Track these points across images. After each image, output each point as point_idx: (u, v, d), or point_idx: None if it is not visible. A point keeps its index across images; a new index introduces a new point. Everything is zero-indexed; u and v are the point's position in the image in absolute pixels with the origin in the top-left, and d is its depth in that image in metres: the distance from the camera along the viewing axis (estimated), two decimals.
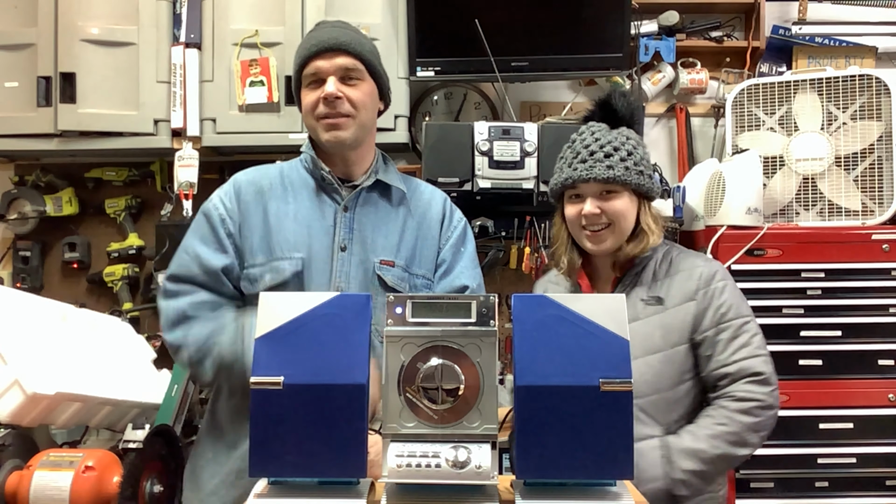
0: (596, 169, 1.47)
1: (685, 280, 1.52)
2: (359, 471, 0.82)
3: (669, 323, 1.49)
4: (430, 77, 2.49)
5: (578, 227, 1.54)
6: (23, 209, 2.64)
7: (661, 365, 1.47)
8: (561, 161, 1.57)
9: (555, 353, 0.83)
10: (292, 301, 0.87)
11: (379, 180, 1.48)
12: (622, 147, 1.49)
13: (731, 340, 1.47)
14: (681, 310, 1.49)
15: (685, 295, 1.50)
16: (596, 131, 1.53)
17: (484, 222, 2.29)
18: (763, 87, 2.39)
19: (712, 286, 1.51)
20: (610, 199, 1.49)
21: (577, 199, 1.53)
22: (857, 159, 2.26)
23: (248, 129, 2.37)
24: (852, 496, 2.10)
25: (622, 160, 1.48)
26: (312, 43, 1.42)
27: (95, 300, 2.70)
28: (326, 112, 1.41)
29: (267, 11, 2.39)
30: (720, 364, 1.46)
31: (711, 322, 1.48)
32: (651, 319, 1.49)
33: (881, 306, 2.13)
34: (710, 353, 1.47)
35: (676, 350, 1.48)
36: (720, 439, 1.42)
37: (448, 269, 1.51)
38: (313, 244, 1.41)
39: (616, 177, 1.47)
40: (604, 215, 1.49)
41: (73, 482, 1.48)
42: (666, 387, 1.47)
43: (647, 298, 1.51)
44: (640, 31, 2.66)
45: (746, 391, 1.44)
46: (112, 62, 2.38)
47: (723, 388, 1.46)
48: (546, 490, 0.83)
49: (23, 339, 1.62)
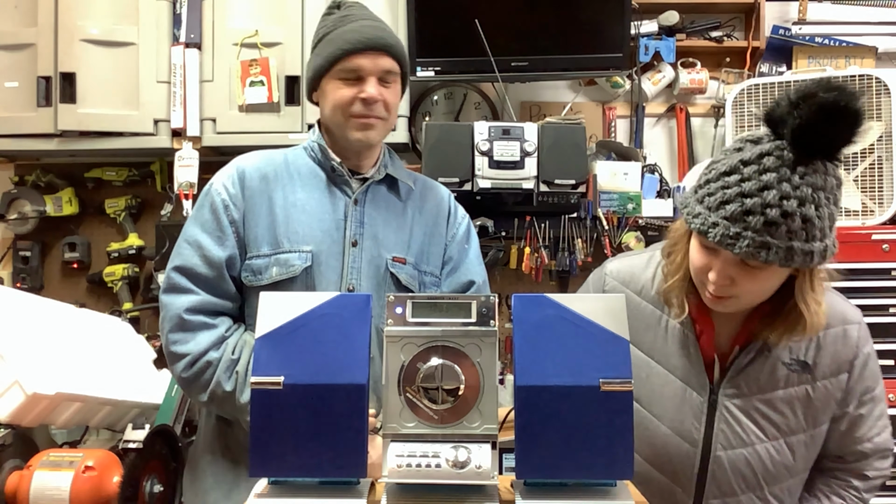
0: (742, 244, 1.00)
1: (839, 344, 1.20)
2: (359, 471, 0.82)
3: (818, 399, 1.19)
4: (430, 77, 2.49)
5: (700, 281, 1.15)
6: (23, 209, 2.64)
7: (805, 449, 1.22)
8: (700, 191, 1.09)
9: (555, 353, 0.83)
10: (292, 301, 0.87)
11: (388, 174, 1.46)
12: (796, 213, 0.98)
13: (871, 415, 1.23)
14: (833, 383, 1.20)
15: (839, 365, 1.19)
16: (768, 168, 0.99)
17: (484, 222, 2.29)
18: (763, 87, 2.39)
19: (865, 351, 1.22)
20: (751, 273, 1.07)
21: (708, 252, 1.10)
22: (857, 159, 2.26)
23: (248, 129, 2.37)
24: None
25: (789, 235, 0.99)
26: (356, 38, 1.36)
27: (95, 300, 2.70)
28: (363, 112, 1.37)
29: (267, 11, 2.39)
30: (858, 441, 1.23)
31: (859, 398, 1.22)
32: (797, 392, 1.19)
33: (881, 306, 2.13)
34: (849, 428, 1.23)
35: (820, 431, 1.22)
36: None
37: (455, 265, 1.50)
38: (323, 238, 1.37)
39: (769, 261, 1.01)
40: (735, 288, 1.09)
41: (73, 482, 1.48)
42: (802, 469, 1.24)
43: (789, 362, 1.18)
44: (640, 31, 2.66)
45: (877, 469, 1.25)
46: (112, 62, 2.37)
47: (851, 462, 1.25)
48: (546, 490, 0.83)
49: (23, 339, 1.62)
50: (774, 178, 0.99)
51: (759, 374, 1.20)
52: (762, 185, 0.99)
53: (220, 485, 1.38)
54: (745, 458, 1.21)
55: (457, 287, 1.47)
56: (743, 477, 1.21)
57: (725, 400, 1.21)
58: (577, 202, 2.29)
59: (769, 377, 1.20)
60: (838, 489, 1.25)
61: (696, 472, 1.23)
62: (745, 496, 1.22)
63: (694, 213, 1.07)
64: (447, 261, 1.50)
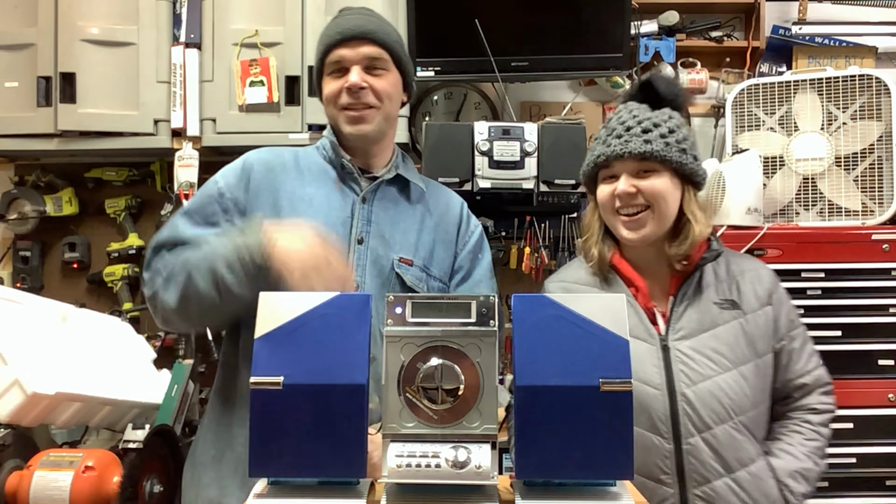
0: (632, 143, 1.32)
1: (755, 282, 1.40)
2: (359, 471, 0.82)
3: (752, 331, 1.36)
4: (430, 77, 2.50)
5: (612, 210, 1.38)
6: (23, 209, 2.64)
7: (755, 377, 1.35)
8: (595, 141, 1.42)
9: (555, 353, 0.83)
10: (292, 301, 0.87)
11: (399, 175, 1.45)
12: (663, 124, 1.35)
13: (803, 347, 1.40)
14: (760, 315, 1.38)
15: (760, 299, 1.38)
16: (634, 108, 1.39)
17: (484, 222, 2.29)
18: (763, 87, 2.39)
19: (780, 289, 1.42)
20: (648, 178, 1.34)
21: (611, 180, 1.38)
22: (857, 159, 2.26)
23: (248, 129, 2.37)
24: (852, 496, 2.10)
25: (662, 136, 1.33)
26: (336, 30, 1.38)
27: (95, 300, 2.70)
28: (349, 102, 1.37)
29: (267, 11, 2.39)
30: (798, 374, 1.39)
31: (786, 329, 1.39)
32: (733, 326, 1.36)
33: (881, 306, 2.12)
34: (786, 362, 1.39)
35: (765, 360, 1.37)
36: (817, 455, 1.36)
37: (466, 275, 1.47)
38: (328, 233, 1.37)
39: (654, 151, 1.32)
40: (640, 195, 1.34)
41: (73, 482, 1.48)
42: (761, 400, 1.37)
43: (720, 302, 1.37)
44: (640, 31, 2.66)
45: (823, 403, 1.39)
46: (112, 62, 2.38)
47: (798, 399, 1.39)
48: (546, 490, 0.83)
49: (23, 339, 1.62)
50: (642, 110, 1.38)
51: (696, 316, 1.37)
52: (633, 116, 1.37)
53: (219, 485, 1.38)
54: (709, 391, 1.32)
55: None
56: (712, 409, 1.32)
57: (675, 343, 1.36)
58: (577, 202, 2.29)
59: (706, 316, 1.37)
60: (794, 426, 1.39)
61: (669, 413, 1.33)
62: (720, 428, 1.31)
63: (593, 156, 1.40)
64: (457, 270, 1.48)
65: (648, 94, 1.41)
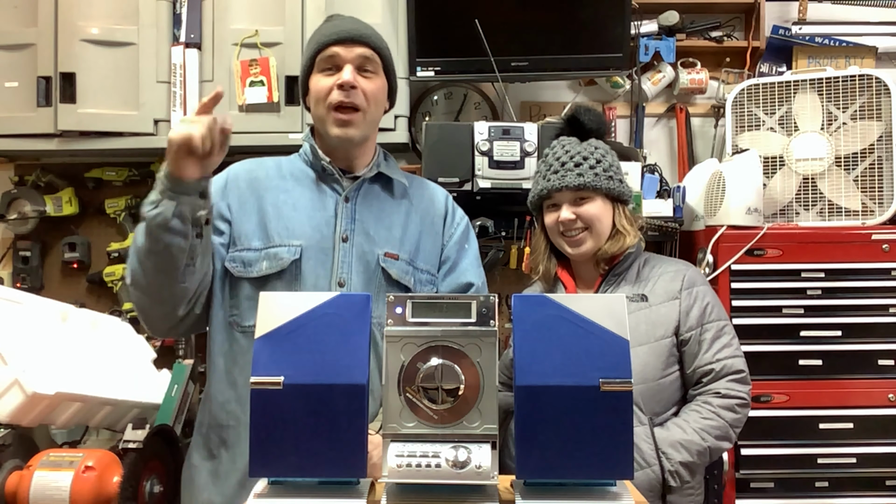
0: (567, 178, 1.59)
1: (669, 281, 1.62)
2: (359, 471, 0.82)
3: (654, 318, 1.58)
4: (430, 77, 2.49)
5: (558, 233, 1.65)
6: (23, 209, 2.64)
7: (647, 356, 1.55)
8: (537, 175, 1.68)
9: (555, 353, 0.83)
10: (292, 301, 0.87)
11: (381, 173, 1.47)
12: (591, 156, 1.61)
13: (715, 340, 1.57)
14: (665, 307, 1.59)
15: (669, 294, 1.60)
16: (566, 144, 1.64)
17: (484, 222, 2.29)
18: (763, 87, 2.39)
19: (696, 288, 1.62)
20: (583, 205, 1.60)
21: (553, 209, 1.64)
22: (857, 159, 2.26)
23: (248, 129, 2.37)
24: (852, 496, 2.10)
25: (591, 168, 1.60)
26: (332, 31, 1.40)
27: (95, 300, 2.70)
28: (340, 100, 1.38)
29: (267, 11, 2.39)
30: (705, 361, 1.56)
31: (696, 321, 1.58)
32: (637, 314, 1.58)
33: (881, 306, 2.13)
34: (696, 351, 1.57)
35: (661, 343, 1.57)
36: (707, 432, 1.51)
37: (452, 266, 1.50)
38: (313, 233, 1.40)
39: (586, 183, 1.58)
40: (579, 220, 1.60)
41: (73, 482, 1.48)
42: (651, 377, 1.55)
43: (631, 296, 1.61)
44: (640, 31, 2.66)
45: (729, 388, 1.54)
46: (112, 62, 2.37)
47: (706, 384, 1.56)
48: (546, 490, 0.83)
49: (23, 339, 1.62)
50: (572, 144, 1.63)
51: None
52: (566, 151, 1.62)
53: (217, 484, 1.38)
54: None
55: (455, 288, 1.48)
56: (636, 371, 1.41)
57: None
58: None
59: None
60: (695, 406, 1.55)
61: None
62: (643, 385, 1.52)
63: (537, 189, 1.66)
64: (444, 261, 1.50)
65: (575, 128, 1.67)
